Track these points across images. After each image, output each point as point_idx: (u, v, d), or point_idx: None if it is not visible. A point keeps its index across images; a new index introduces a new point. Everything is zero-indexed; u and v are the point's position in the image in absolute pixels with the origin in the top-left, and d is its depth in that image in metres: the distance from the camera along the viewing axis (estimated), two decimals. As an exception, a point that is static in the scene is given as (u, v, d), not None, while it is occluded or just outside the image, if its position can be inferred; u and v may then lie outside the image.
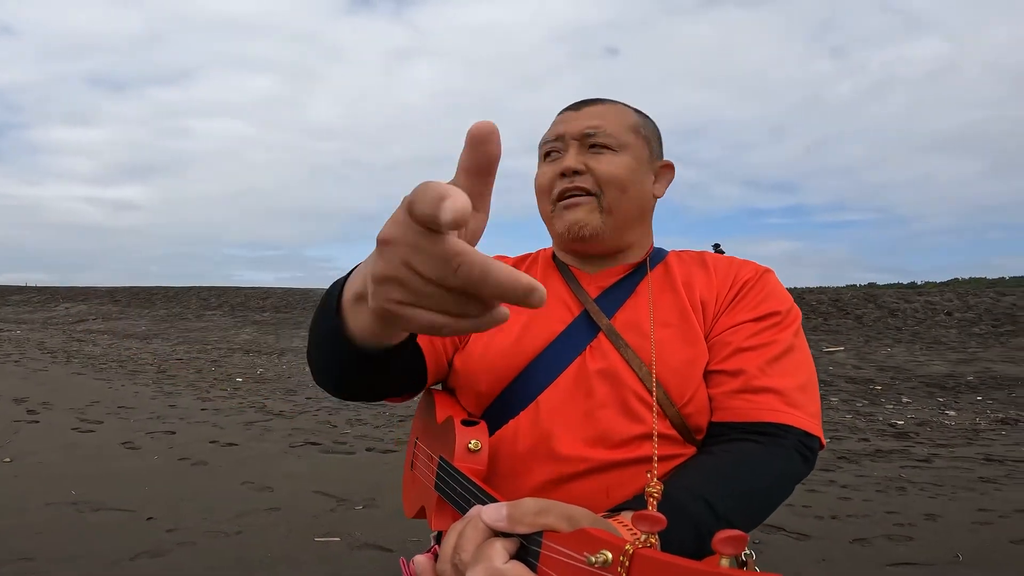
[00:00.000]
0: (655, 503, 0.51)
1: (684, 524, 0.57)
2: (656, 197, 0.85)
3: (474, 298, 0.34)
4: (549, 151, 0.82)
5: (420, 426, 0.83)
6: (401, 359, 0.58)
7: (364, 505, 3.02)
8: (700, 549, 0.57)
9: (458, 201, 0.30)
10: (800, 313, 0.77)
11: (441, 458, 0.67)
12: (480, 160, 0.36)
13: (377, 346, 0.51)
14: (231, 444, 4.17)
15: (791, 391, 0.70)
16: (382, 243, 0.36)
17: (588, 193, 0.78)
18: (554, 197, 0.80)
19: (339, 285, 0.54)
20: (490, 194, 0.39)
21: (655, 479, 0.54)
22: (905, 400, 6.25)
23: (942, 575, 2.41)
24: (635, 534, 0.39)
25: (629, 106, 0.85)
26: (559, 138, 0.80)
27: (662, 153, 0.86)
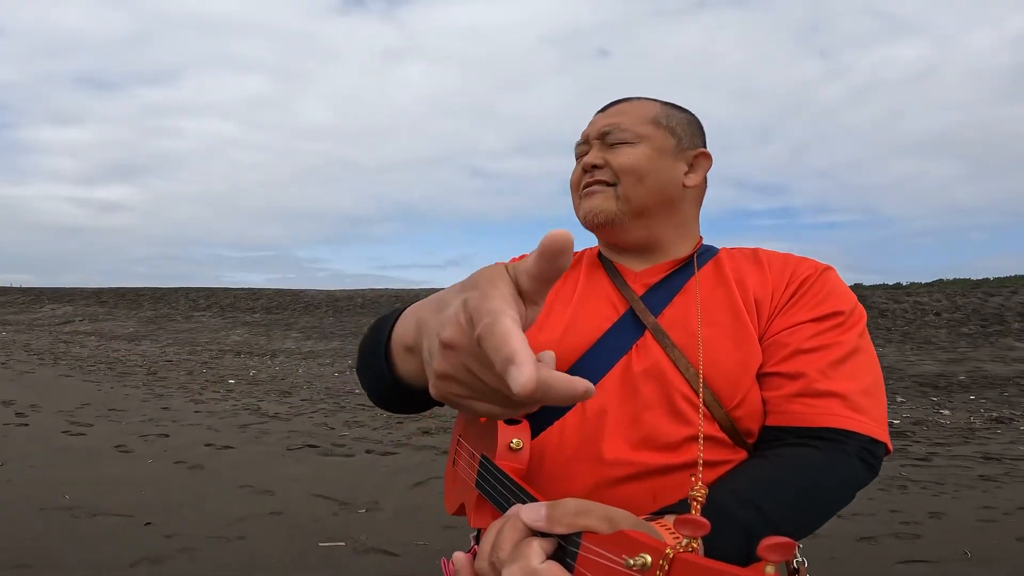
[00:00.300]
0: (699, 507, 0.49)
1: (731, 529, 0.55)
2: (689, 187, 0.83)
3: None
4: (579, 153, 0.86)
5: (463, 424, 0.82)
6: None
7: (367, 508, 2.98)
8: (749, 556, 0.55)
9: (524, 375, 0.32)
10: (865, 313, 0.74)
11: (483, 456, 0.66)
12: (552, 272, 0.38)
13: (425, 385, 0.54)
14: (227, 447, 4.10)
15: (855, 395, 0.67)
16: (446, 346, 0.40)
17: (608, 184, 0.81)
18: (579, 190, 0.83)
19: (387, 326, 0.60)
20: (550, 288, 0.40)
21: (700, 483, 0.51)
22: (899, 399, 6.30)
23: (952, 573, 2.41)
24: (677, 538, 0.38)
25: (658, 100, 0.85)
26: (585, 140, 0.84)
27: (698, 143, 0.85)
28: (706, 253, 0.83)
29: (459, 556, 0.53)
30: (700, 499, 0.49)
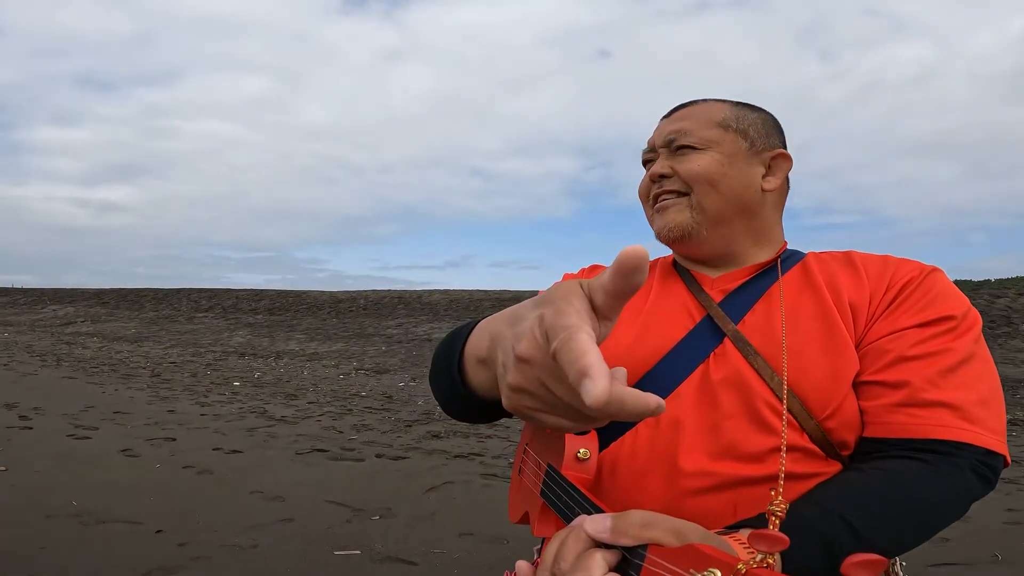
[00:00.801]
0: (777, 522, 0.47)
1: (812, 543, 0.53)
2: (768, 190, 0.78)
3: None
4: (646, 160, 0.83)
5: (530, 433, 0.80)
6: None
7: (380, 515, 2.92)
8: (833, 571, 0.51)
9: (597, 388, 0.32)
10: (980, 318, 0.69)
11: (549, 465, 0.65)
12: (627, 288, 0.38)
13: (497, 397, 0.56)
14: (235, 451, 4.04)
15: (969, 405, 0.62)
16: (521, 360, 0.41)
17: (680, 194, 0.78)
18: (650, 202, 0.81)
19: (461, 339, 0.61)
20: (624, 304, 0.40)
21: (779, 497, 0.48)
22: (912, 401, 6.25)
23: (984, 574, 2.38)
24: (752, 553, 0.37)
25: (727, 101, 0.80)
26: (652, 148, 0.82)
27: (776, 143, 0.80)
28: (791, 258, 0.78)
29: (522, 565, 0.52)
30: (779, 514, 0.47)
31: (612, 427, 0.69)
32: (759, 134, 0.78)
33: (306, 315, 15.75)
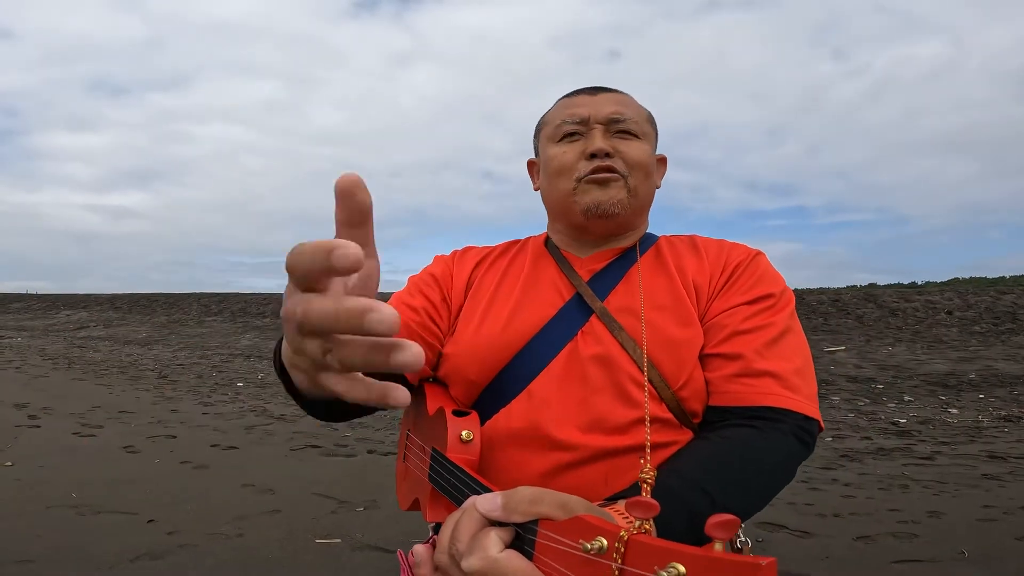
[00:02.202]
0: (649, 489, 0.51)
1: (679, 511, 0.57)
2: (657, 188, 0.87)
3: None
4: (570, 132, 0.81)
5: (411, 419, 0.83)
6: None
7: (365, 507, 3.01)
8: (696, 536, 0.56)
9: (350, 247, 0.30)
10: (793, 295, 0.77)
11: (434, 449, 0.67)
12: (353, 211, 0.36)
13: (325, 396, 0.51)
14: (232, 447, 4.16)
15: (789, 375, 0.70)
16: (283, 320, 0.37)
17: (619, 175, 0.79)
18: (579, 176, 0.79)
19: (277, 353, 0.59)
20: (373, 239, 0.39)
21: (648, 465, 0.54)
22: (907, 398, 6.24)
23: (947, 572, 2.39)
24: (630, 521, 0.39)
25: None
26: (583, 121, 0.80)
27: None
28: (647, 240, 0.85)
29: (418, 549, 0.54)
30: (650, 481, 0.52)
31: (487, 405, 0.74)
32: (656, 137, 0.86)
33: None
